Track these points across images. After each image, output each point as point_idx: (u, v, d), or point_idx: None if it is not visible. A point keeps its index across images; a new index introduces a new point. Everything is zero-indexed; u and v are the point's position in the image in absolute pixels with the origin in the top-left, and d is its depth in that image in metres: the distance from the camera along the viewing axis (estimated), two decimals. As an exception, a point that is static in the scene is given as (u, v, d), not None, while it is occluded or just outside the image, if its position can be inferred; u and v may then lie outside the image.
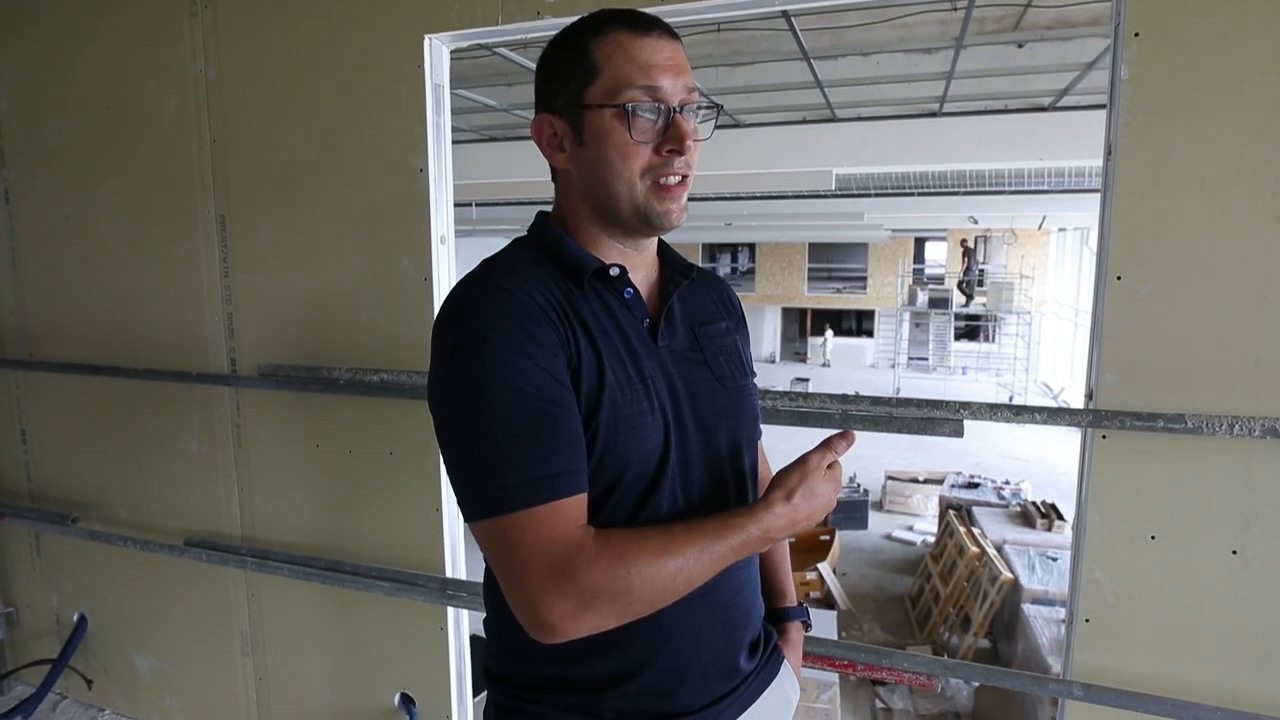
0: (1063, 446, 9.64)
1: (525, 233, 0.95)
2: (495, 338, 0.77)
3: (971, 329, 18.41)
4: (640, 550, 0.77)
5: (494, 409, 0.76)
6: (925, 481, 7.67)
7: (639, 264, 0.94)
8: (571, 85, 0.85)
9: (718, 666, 0.91)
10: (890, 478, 7.89)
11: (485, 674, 0.96)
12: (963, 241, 15.85)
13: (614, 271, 0.89)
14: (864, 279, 19.12)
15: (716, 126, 0.93)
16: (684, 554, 0.78)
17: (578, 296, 0.86)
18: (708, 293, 1.03)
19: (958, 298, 16.06)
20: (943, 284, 17.59)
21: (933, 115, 5.17)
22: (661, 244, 0.99)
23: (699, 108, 0.87)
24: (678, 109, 0.84)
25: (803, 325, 20.48)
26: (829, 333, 19.33)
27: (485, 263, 0.89)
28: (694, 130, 0.86)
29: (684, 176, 0.87)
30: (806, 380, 14.29)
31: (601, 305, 0.88)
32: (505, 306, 0.79)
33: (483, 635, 0.98)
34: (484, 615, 0.99)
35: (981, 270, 15.54)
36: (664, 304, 0.93)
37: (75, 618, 2.60)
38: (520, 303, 0.79)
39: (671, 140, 0.84)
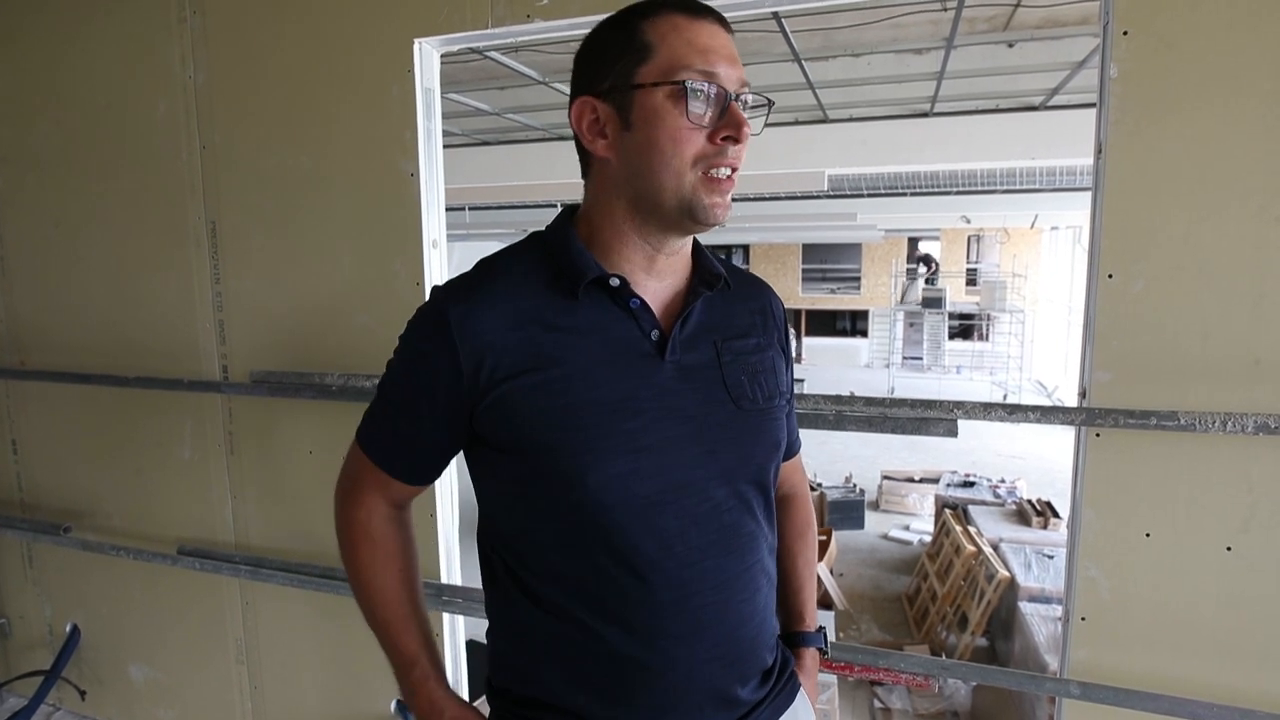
0: (1058, 444, 9.66)
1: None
2: (409, 352, 0.90)
3: (965, 328, 18.44)
4: (354, 559, 0.97)
5: (388, 390, 0.93)
6: (921, 481, 7.66)
7: (666, 269, 0.88)
8: (620, 65, 0.80)
9: (715, 700, 0.88)
10: (886, 477, 7.89)
11: (486, 685, 0.96)
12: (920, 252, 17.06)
13: (614, 283, 0.84)
14: (858, 279, 19.16)
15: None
16: (366, 608, 0.97)
17: (565, 309, 0.84)
18: (745, 303, 0.96)
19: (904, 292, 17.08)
20: (934, 275, 17.69)
21: (924, 115, 5.19)
22: (697, 247, 0.93)
23: (753, 105, 0.83)
24: (734, 96, 0.80)
25: (797, 326, 20.50)
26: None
27: (481, 263, 0.89)
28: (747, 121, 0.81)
29: (733, 171, 0.82)
30: (801, 381, 14.31)
31: (595, 317, 0.84)
32: (429, 336, 0.86)
33: (479, 641, 0.98)
34: (479, 620, 0.99)
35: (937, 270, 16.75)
36: (682, 315, 0.87)
37: (68, 628, 2.58)
38: (440, 339, 0.84)
39: (729, 126, 0.79)
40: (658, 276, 0.88)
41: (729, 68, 0.80)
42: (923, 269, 17.65)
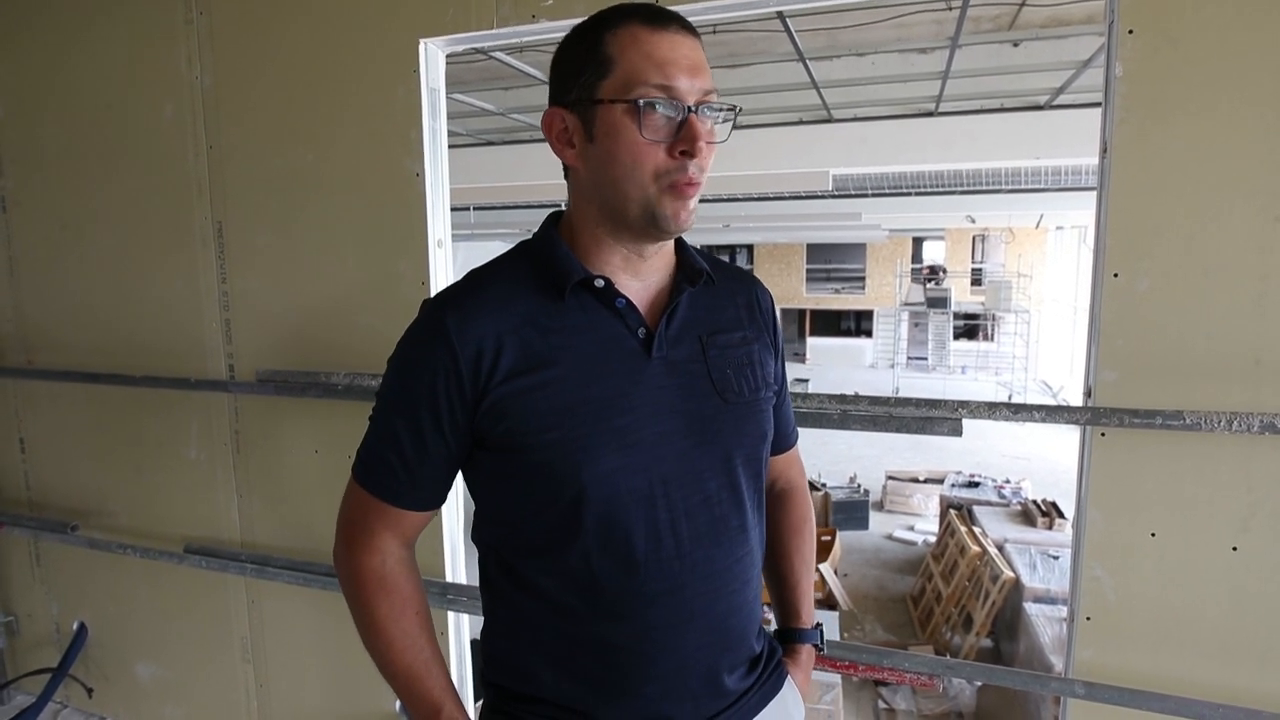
0: (1063, 444, 9.63)
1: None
2: (406, 362, 0.88)
3: (971, 328, 18.40)
4: (370, 610, 0.94)
5: (385, 415, 0.91)
6: (926, 481, 7.67)
7: (646, 269, 0.90)
8: (584, 79, 0.82)
9: (707, 687, 0.90)
10: (891, 478, 7.89)
11: (481, 678, 0.97)
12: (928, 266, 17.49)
13: (599, 284, 0.86)
14: (862, 279, 19.15)
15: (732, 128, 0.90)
16: (383, 658, 0.94)
17: (554, 311, 0.85)
18: (731, 297, 0.97)
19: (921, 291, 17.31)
20: (941, 284, 17.64)
21: (929, 115, 5.17)
22: (680, 244, 0.95)
23: (717, 110, 0.84)
24: (693, 109, 0.80)
25: (801, 326, 20.49)
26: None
27: (470, 274, 0.91)
28: (709, 131, 0.82)
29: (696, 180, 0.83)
30: (806, 381, 14.29)
31: (584, 318, 0.86)
32: (427, 342, 0.86)
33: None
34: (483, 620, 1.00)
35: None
36: (667, 311, 0.89)
37: (75, 626, 2.60)
38: (439, 344, 0.84)
39: (684, 141, 0.80)
40: (639, 276, 0.90)
41: (689, 79, 0.80)
42: (928, 275, 17.67)
